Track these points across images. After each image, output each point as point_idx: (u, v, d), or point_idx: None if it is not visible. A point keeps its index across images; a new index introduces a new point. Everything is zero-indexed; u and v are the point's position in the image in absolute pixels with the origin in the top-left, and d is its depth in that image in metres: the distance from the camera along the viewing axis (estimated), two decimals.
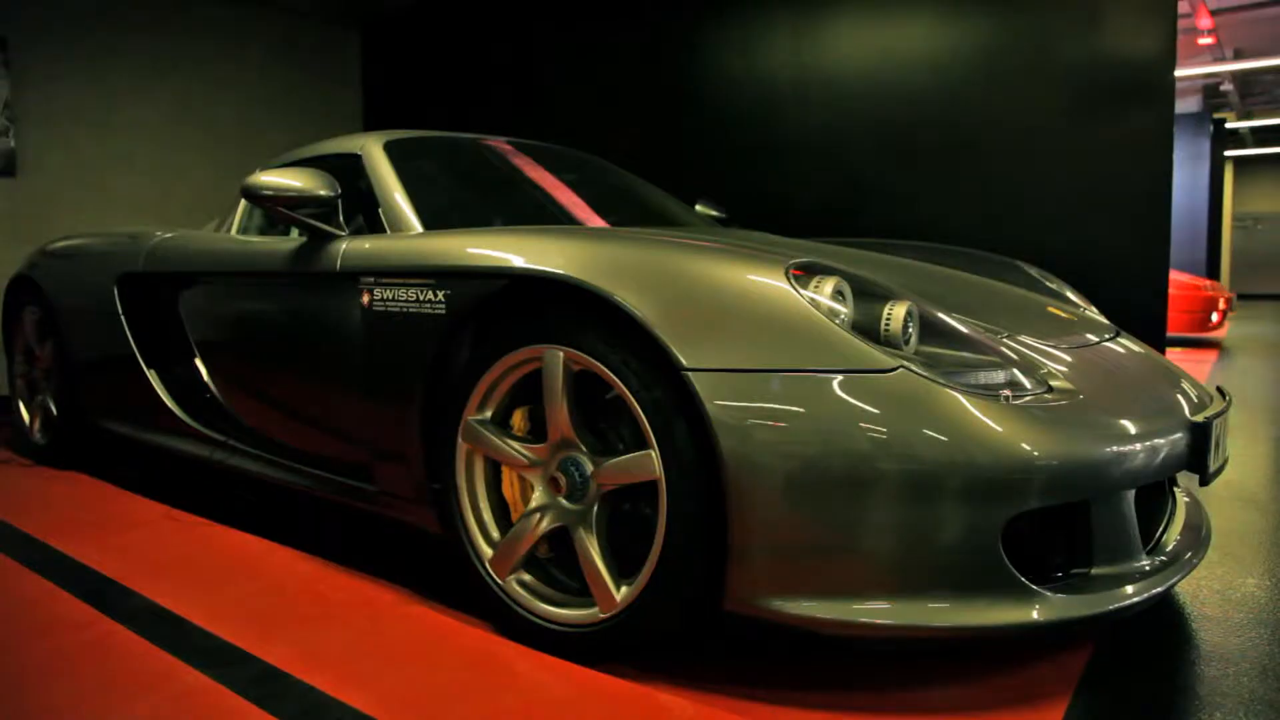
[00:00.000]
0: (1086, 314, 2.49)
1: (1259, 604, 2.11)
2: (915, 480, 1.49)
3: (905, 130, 4.09)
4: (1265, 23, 10.92)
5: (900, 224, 3.89)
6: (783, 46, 4.44)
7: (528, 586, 1.87)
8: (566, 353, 1.74)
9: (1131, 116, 3.68)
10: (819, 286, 1.63)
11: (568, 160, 3.28)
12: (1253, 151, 19.49)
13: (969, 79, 3.96)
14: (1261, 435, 4.20)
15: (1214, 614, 2.06)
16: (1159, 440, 1.71)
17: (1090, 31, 3.76)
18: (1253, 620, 2.02)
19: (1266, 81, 14.27)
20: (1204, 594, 2.17)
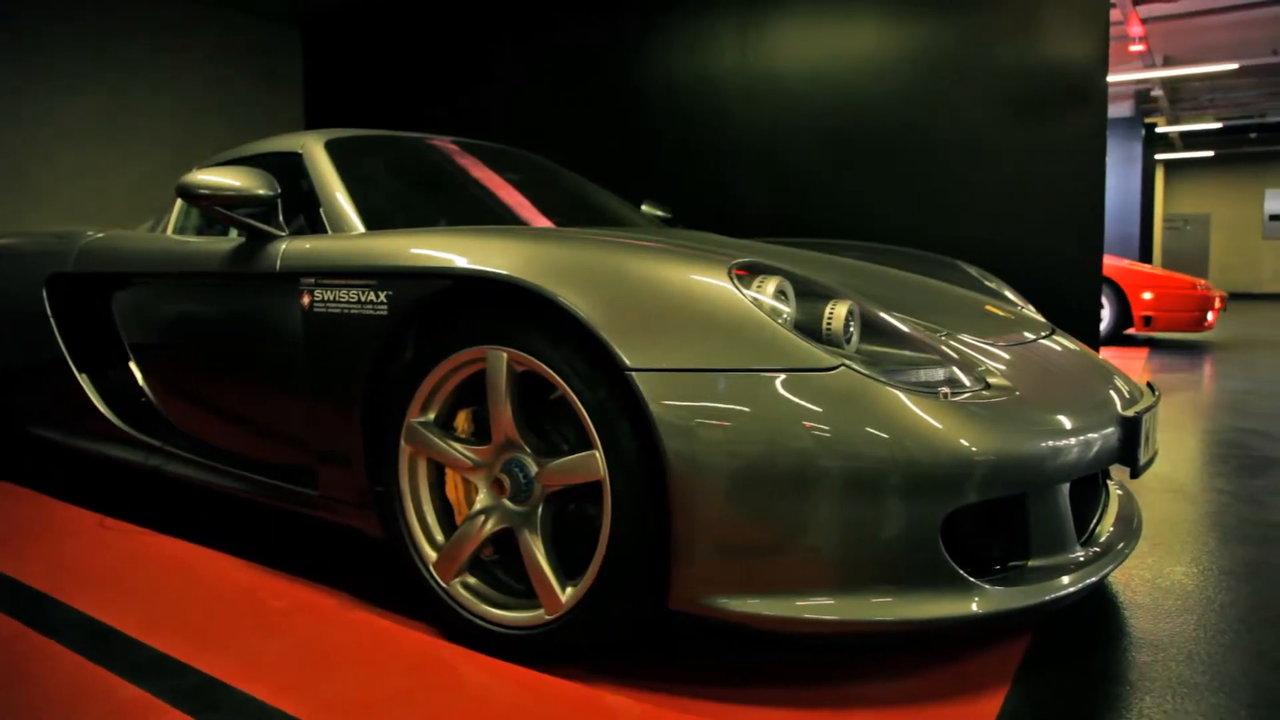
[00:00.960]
0: (1023, 312, 2.55)
1: (1186, 591, 2.18)
2: (857, 477, 1.51)
3: (850, 132, 4.14)
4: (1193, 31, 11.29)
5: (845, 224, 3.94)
6: (730, 49, 4.47)
7: (472, 589, 1.86)
8: (510, 353, 1.73)
9: (1067, 120, 3.77)
10: (761, 286, 1.64)
11: (514, 160, 3.26)
12: (1182, 155, 20.12)
13: (912, 83, 4.03)
14: (1190, 428, 4.33)
15: (1145, 602, 2.12)
16: (1092, 435, 1.76)
17: (1027, 38, 3.85)
18: (1180, 607, 2.08)
19: (1194, 88, 14.76)
20: (1135, 583, 2.23)
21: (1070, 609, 2.00)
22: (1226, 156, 20.34)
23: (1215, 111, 16.53)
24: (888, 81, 4.07)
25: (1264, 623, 2.00)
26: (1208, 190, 21.46)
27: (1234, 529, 2.70)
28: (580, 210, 3.12)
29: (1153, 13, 9.90)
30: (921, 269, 2.65)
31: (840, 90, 4.16)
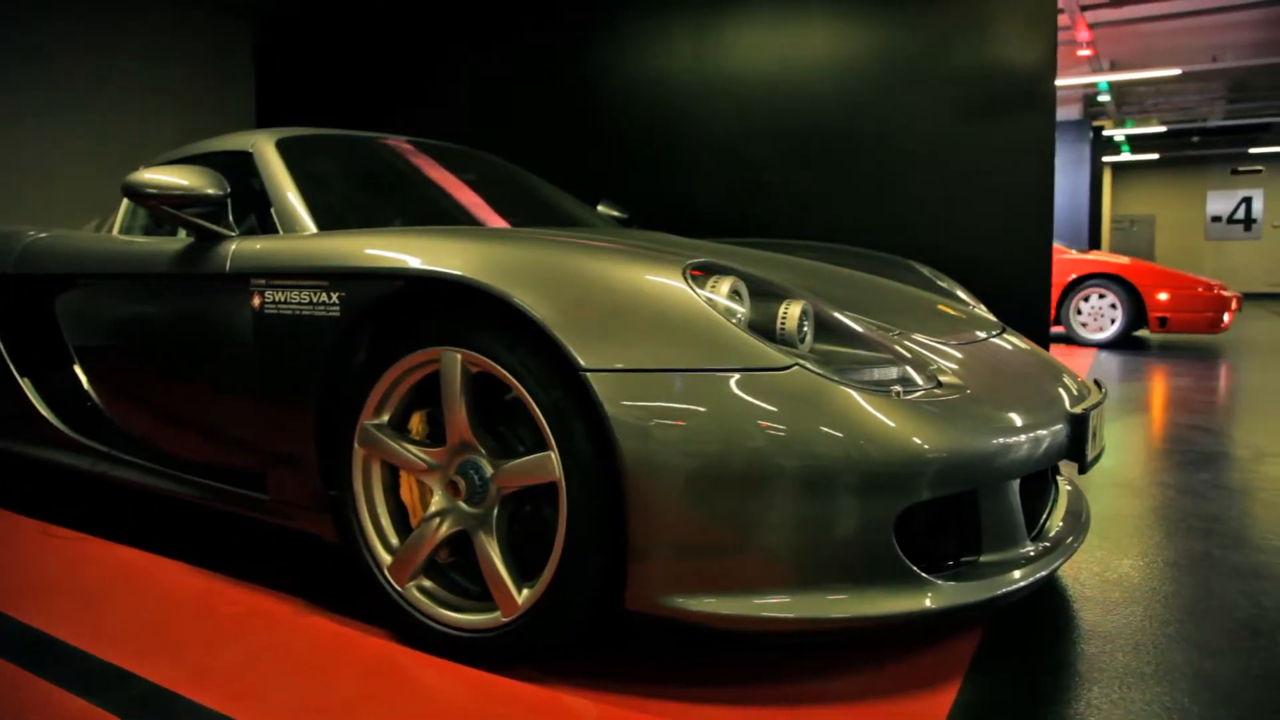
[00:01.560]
0: (975, 311, 2.59)
1: (1133, 584, 2.23)
2: (812, 476, 1.52)
3: (805, 133, 4.18)
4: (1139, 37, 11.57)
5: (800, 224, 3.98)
6: (685, 50, 4.48)
7: (428, 593, 1.84)
8: (464, 354, 1.72)
9: (1017, 122, 3.84)
10: (716, 286, 1.65)
11: (469, 160, 3.24)
12: (1128, 158, 20.58)
13: (865, 85, 4.08)
14: (1136, 424, 4.43)
15: (1093, 594, 2.16)
16: (1041, 432, 1.79)
17: (978, 41, 3.92)
18: (1128, 599, 2.13)
19: (1139, 93, 15.11)
20: (1084, 576, 2.28)
21: (1021, 602, 2.03)
22: (1170, 159, 20.85)
23: (1159, 115, 16.93)
24: (842, 83, 4.11)
25: (1206, 613, 2.05)
26: (1153, 192, 21.98)
27: (1178, 522, 2.76)
28: (536, 210, 3.11)
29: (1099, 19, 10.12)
30: (875, 269, 2.68)
31: (795, 92, 4.19)
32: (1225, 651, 1.85)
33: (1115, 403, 5.08)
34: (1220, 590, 2.19)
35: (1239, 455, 3.73)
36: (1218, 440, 4.05)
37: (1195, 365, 7.02)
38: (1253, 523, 2.77)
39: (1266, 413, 4.99)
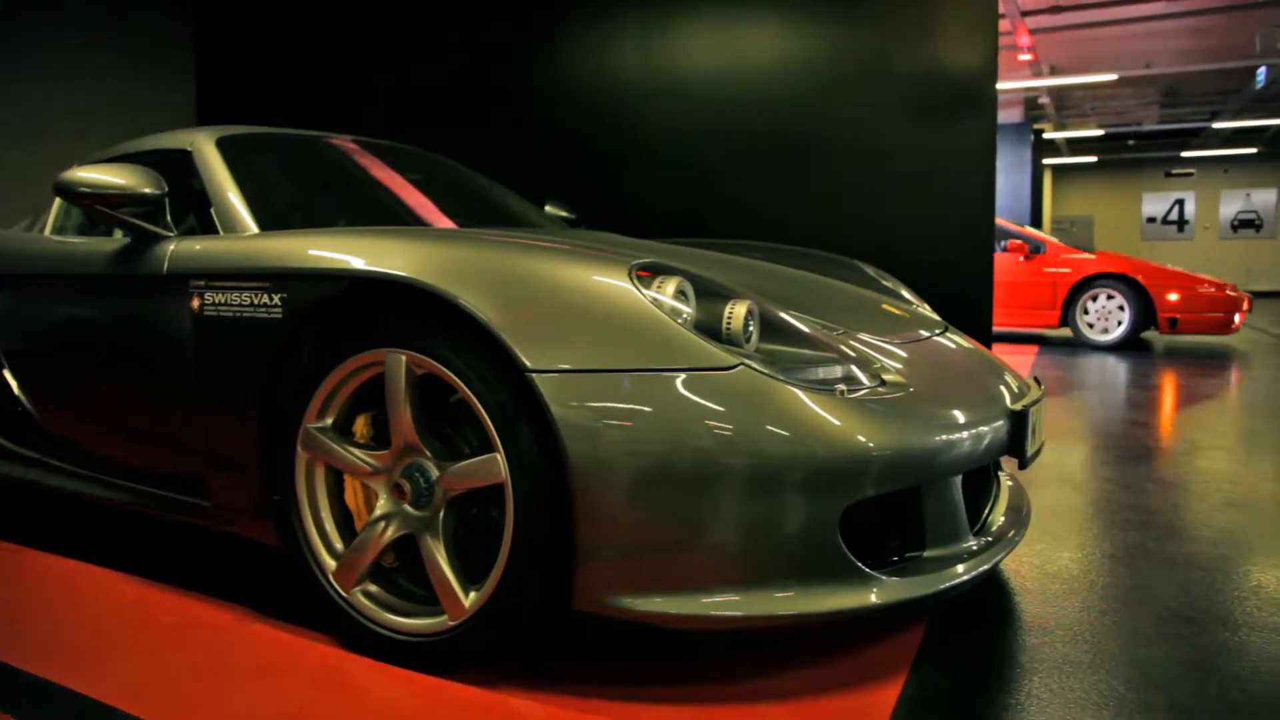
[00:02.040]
0: (918, 310, 2.62)
1: (1072, 576, 2.28)
2: (758, 474, 1.53)
3: (753, 134, 4.21)
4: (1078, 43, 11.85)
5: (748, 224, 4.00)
6: (633, 49, 4.49)
7: (374, 598, 1.82)
8: (409, 356, 1.71)
9: (959, 124, 3.91)
10: (661, 286, 1.65)
11: (415, 160, 3.20)
12: (1068, 160, 21.07)
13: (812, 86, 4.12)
14: (1076, 420, 4.54)
15: (1033, 587, 2.21)
16: (983, 428, 1.82)
17: (922, 45, 3.98)
18: (1067, 591, 2.18)
19: (1078, 97, 15.48)
20: (1025, 569, 2.32)
21: (964, 596, 2.07)
22: (1108, 162, 21.38)
23: (1097, 119, 17.37)
24: (789, 85, 4.15)
25: (1141, 602, 2.11)
26: (1091, 193, 22.53)
27: (1116, 515, 2.83)
28: (483, 211, 3.09)
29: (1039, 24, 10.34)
30: (820, 269, 2.71)
31: (743, 92, 4.22)
32: (1158, 639, 1.90)
33: (1055, 397, 5.19)
34: (1154, 580, 2.25)
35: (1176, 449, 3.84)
36: (1154, 435, 4.17)
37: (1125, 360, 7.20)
38: (1184, 514, 2.85)
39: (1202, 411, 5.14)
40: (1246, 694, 1.66)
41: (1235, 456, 3.71)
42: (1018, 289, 8.51)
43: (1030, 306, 8.50)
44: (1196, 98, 15.72)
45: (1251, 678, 1.73)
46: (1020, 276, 8.53)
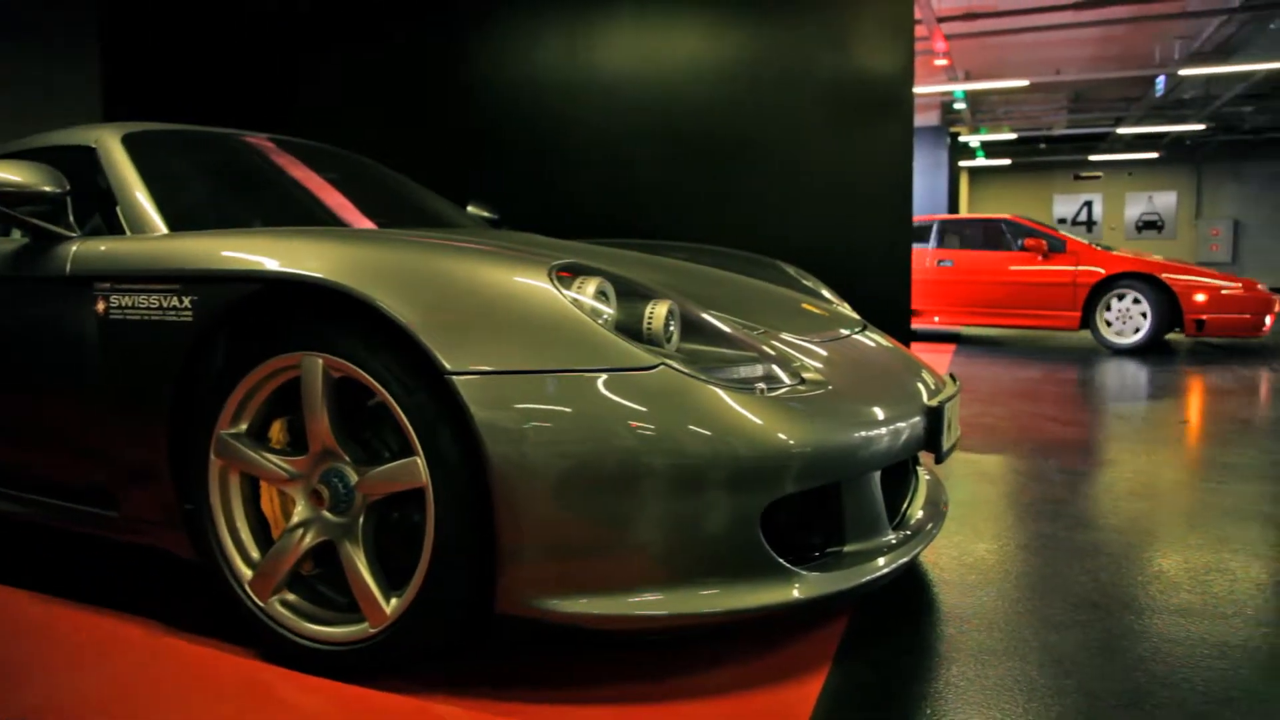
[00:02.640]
0: (838, 310, 2.67)
1: (988, 566, 2.35)
2: (681, 473, 1.54)
3: (676, 134, 4.23)
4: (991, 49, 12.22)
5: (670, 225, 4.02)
6: (557, 48, 4.47)
7: (292, 607, 1.78)
8: (326, 359, 1.67)
9: (878, 127, 3.99)
10: (582, 287, 1.65)
11: (334, 160, 3.14)
12: (983, 163, 21.69)
13: (734, 88, 4.16)
14: (992, 414, 4.67)
15: (951, 578, 2.27)
16: (900, 424, 1.87)
17: (841, 49, 4.05)
18: (983, 581, 2.24)
19: (992, 101, 15.96)
20: (943, 561, 2.39)
21: (885, 588, 2.11)
22: (1020, 164, 22.09)
23: (1010, 123, 17.93)
24: (712, 86, 4.18)
25: (1052, 590, 2.18)
26: (1005, 195, 23.25)
27: (1028, 506, 2.93)
28: (403, 211, 3.05)
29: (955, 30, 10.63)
30: (742, 269, 2.74)
31: (666, 94, 4.25)
32: (1068, 625, 1.97)
33: (971, 393, 5.34)
34: (1064, 568, 2.33)
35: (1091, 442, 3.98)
36: (1064, 427, 4.32)
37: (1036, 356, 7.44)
38: (1093, 504, 2.96)
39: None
40: (1149, 674, 1.74)
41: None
42: (1036, 290, 8.21)
43: (1049, 307, 8.15)
44: (1102, 104, 16.35)
45: (1153, 659, 1.80)
46: (1039, 276, 8.21)
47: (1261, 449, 3.82)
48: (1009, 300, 8.37)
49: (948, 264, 8.74)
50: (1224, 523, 2.73)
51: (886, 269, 3.89)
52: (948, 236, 9.04)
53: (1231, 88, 14.35)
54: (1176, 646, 1.86)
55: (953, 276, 8.70)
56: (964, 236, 9.02)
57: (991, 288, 8.47)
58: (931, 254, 8.85)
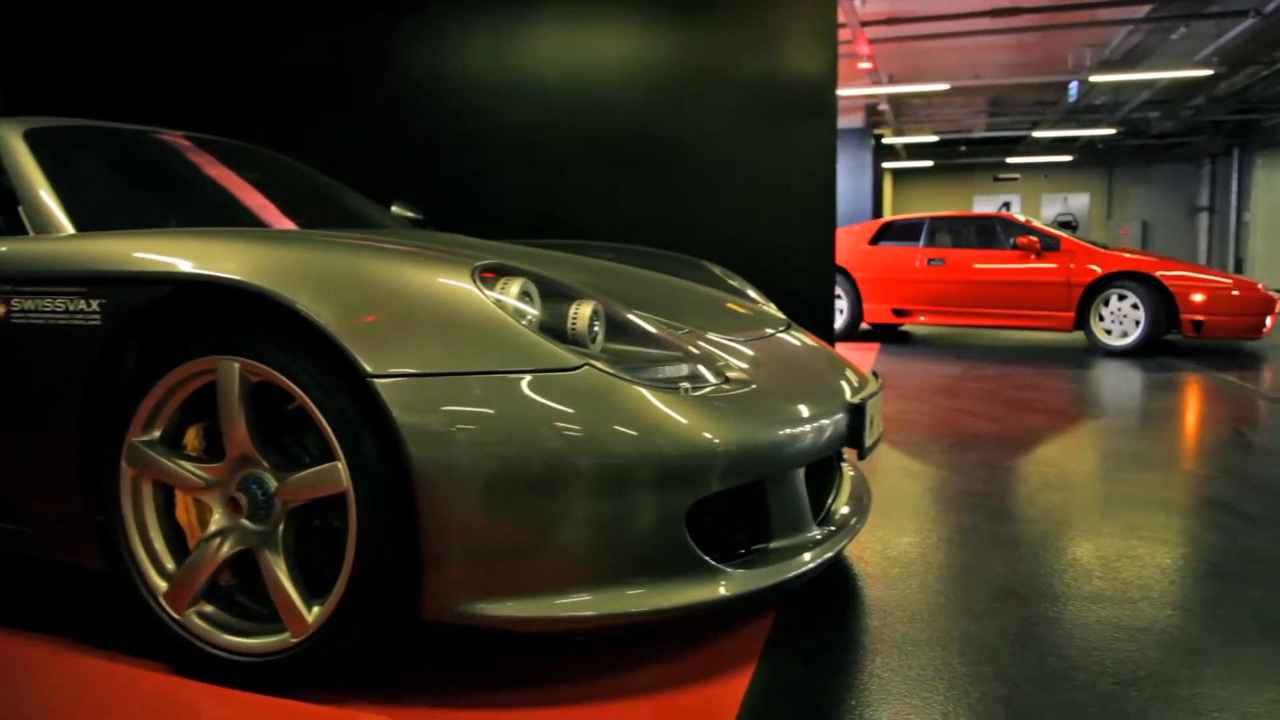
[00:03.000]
0: (763, 309, 2.70)
1: (911, 559, 2.40)
2: (606, 474, 1.54)
3: (604, 135, 4.23)
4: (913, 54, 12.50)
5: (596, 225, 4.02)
6: (484, 47, 4.43)
7: (210, 619, 1.73)
8: (242, 363, 1.63)
9: (802, 129, 4.06)
10: (505, 288, 1.64)
11: (253, 158, 3.06)
12: (906, 164, 22.19)
13: (660, 88, 4.18)
14: (913, 410, 4.78)
15: (875, 571, 2.31)
16: (824, 421, 1.89)
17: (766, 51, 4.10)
18: (905, 574, 2.29)
19: (914, 104, 16.33)
20: (867, 554, 2.43)
21: (811, 583, 2.14)
22: (942, 166, 22.67)
23: (932, 126, 18.38)
24: (638, 87, 4.20)
25: (973, 581, 2.24)
26: (928, 195, 23.85)
27: (950, 500, 3.00)
28: (325, 211, 2.99)
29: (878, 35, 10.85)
30: (668, 269, 2.75)
31: (594, 94, 4.25)
32: (987, 614, 2.02)
33: (896, 390, 5.46)
34: (984, 559, 2.39)
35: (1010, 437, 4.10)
36: (984, 422, 4.44)
37: (955, 353, 7.63)
38: (1012, 496, 3.05)
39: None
40: (1063, 659, 1.80)
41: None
42: (1029, 290, 7.95)
43: (1042, 308, 7.89)
44: (1019, 108, 16.88)
45: (1067, 644, 1.87)
46: (1031, 276, 7.94)
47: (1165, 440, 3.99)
48: (1001, 300, 8.12)
49: (938, 263, 8.48)
50: (1132, 511, 2.84)
51: (811, 269, 3.95)
52: (939, 234, 8.81)
53: (1138, 94, 14.95)
54: (1089, 631, 1.93)
55: (943, 276, 8.43)
56: (955, 234, 8.78)
57: (982, 288, 8.21)
58: (921, 253, 8.61)
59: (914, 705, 1.62)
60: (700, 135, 4.13)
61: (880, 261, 8.76)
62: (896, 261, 8.67)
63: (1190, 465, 3.56)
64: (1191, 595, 2.16)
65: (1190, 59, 12.25)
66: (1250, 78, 13.79)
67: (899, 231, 9.03)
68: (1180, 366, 6.73)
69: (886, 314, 8.68)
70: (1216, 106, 16.21)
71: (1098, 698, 1.64)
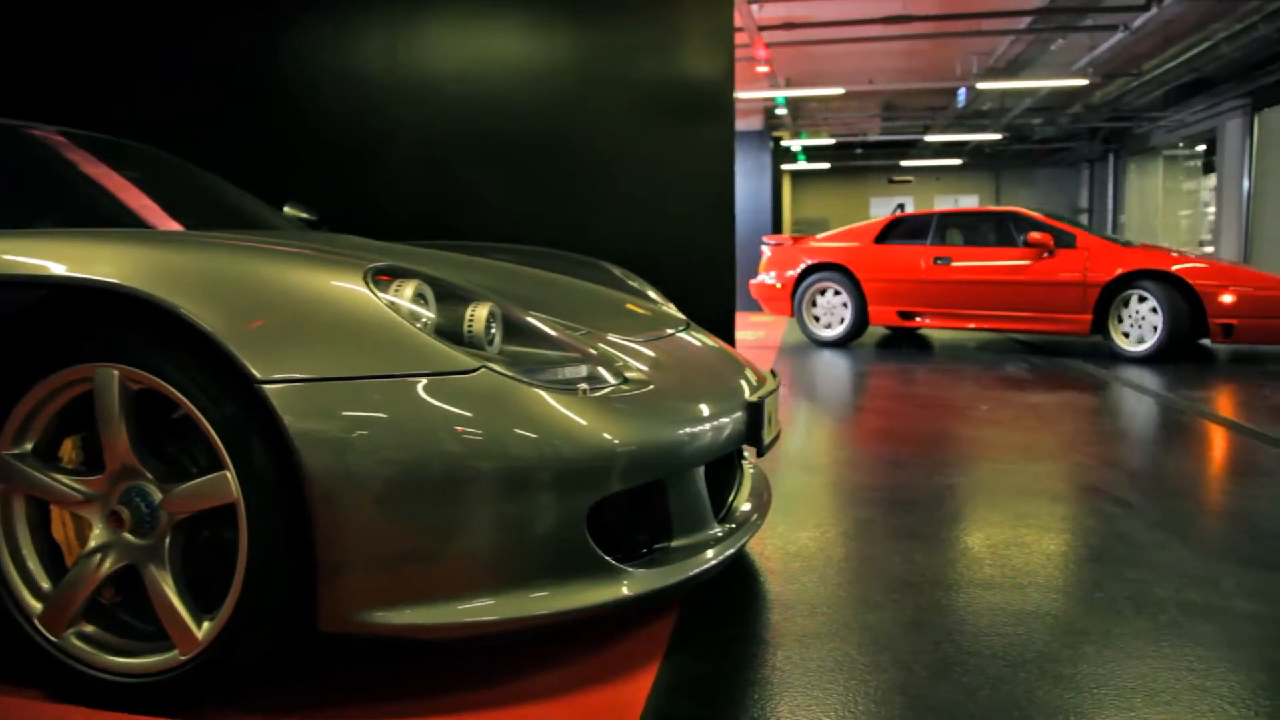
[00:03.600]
0: (663, 309, 2.72)
1: (810, 554, 2.46)
2: (506, 476, 1.53)
3: (501, 135, 4.20)
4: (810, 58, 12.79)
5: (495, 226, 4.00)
6: (378, 45, 4.35)
7: (91, 639, 1.64)
8: (123, 370, 1.56)
9: (700, 131, 4.11)
10: (399, 290, 1.61)
11: (136, 156, 2.93)
12: (804, 166, 22.68)
13: (558, 89, 4.17)
14: (816, 408, 4.89)
15: (776, 566, 2.35)
16: (723, 420, 1.92)
17: (663, 53, 4.14)
18: (805, 568, 2.34)
19: (812, 108, 16.71)
20: (769, 550, 2.48)
21: (713, 580, 2.17)
22: (839, 168, 23.26)
23: (829, 129, 18.83)
24: (536, 89, 4.18)
25: (870, 572, 2.30)
26: (826, 197, 24.44)
27: (849, 494, 3.08)
28: (213, 212, 2.88)
29: (775, 39, 11.05)
30: (567, 270, 2.74)
31: (491, 94, 4.21)
32: (884, 604, 2.09)
33: (797, 387, 5.56)
34: (881, 551, 2.46)
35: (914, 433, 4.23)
36: (884, 418, 4.57)
37: (852, 354, 7.83)
38: (907, 489, 3.14)
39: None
40: (955, 645, 1.86)
41: None
42: (1042, 290, 7.32)
43: (1056, 310, 7.26)
44: (911, 113, 17.43)
45: (959, 630, 1.94)
46: (1045, 275, 7.31)
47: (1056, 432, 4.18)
48: (1012, 302, 7.50)
49: (944, 262, 7.84)
50: (1019, 501, 2.96)
51: (711, 269, 4.00)
52: (949, 232, 8.20)
53: (1022, 101, 15.63)
54: (980, 617, 2.00)
55: (950, 276, 7.80)
56: (965, 231, 8.21)
57: (992, 288, 7.60)
58: (927, 251, 7.97)
59: (815, 696, 1.66)
60: (599, 136, 4.14)
61: (885, 261, 8.15)
62: (902, 261, 8.06)
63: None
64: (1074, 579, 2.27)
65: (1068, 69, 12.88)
66: (1121, 88, 14.59)
67: (907, 229, 8.38)
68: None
69: (891, 316, 8.12)
70: (1093, 114, 17.09)
71: (989, 680, 1.71)
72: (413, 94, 4.29)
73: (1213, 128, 15.72)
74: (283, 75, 4.45)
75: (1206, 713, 1.58)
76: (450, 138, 4.24)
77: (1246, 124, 14.37)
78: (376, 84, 4.33)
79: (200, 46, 4.54)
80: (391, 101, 4.31)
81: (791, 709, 1.62)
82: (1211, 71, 13.18)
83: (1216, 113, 15.15)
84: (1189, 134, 17.26)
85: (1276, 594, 2.14)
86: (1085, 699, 1.63)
